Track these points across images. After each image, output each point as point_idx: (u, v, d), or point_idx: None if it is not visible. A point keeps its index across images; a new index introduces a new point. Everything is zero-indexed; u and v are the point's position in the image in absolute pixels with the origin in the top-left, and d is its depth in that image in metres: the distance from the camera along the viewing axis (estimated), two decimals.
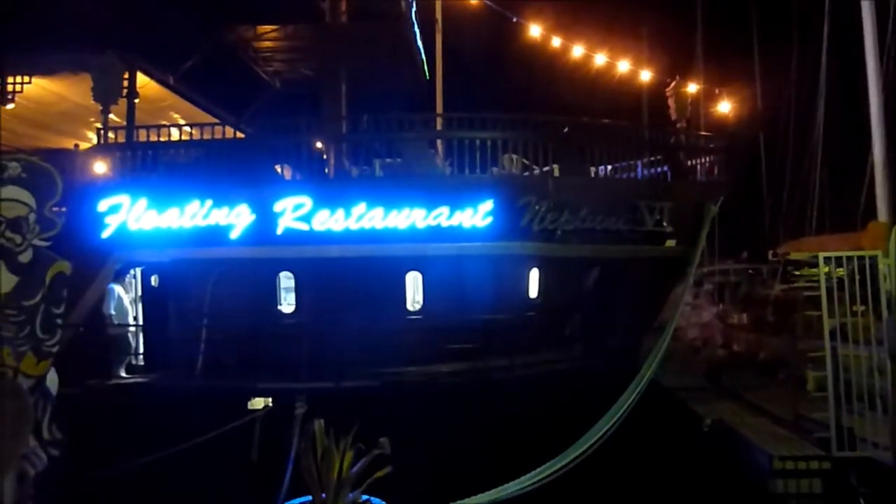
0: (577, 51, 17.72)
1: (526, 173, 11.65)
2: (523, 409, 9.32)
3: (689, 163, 13.11)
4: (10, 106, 12.93)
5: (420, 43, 17.45)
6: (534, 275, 11.50)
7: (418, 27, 17.14)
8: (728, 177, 13.30)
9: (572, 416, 9.58)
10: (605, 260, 11.58)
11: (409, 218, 10.41)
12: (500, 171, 11.41)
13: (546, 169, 11.58)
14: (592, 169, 12.13)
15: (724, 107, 17.67)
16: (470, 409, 9.27)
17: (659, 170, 12.88)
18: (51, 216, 4.47)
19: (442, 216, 10.45)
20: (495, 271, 10.81)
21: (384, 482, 4.66)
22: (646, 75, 17.93)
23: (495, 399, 9.71)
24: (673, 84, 14.95)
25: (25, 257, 4.33)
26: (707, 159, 13.18)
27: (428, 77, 18.85)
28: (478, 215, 10.50)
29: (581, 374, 11.02)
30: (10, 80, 12.63)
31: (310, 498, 4.21)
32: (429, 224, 10.45)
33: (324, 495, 4.05)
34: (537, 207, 10.70)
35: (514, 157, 11.63)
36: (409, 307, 11.29)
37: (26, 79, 12.73)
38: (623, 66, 17.92)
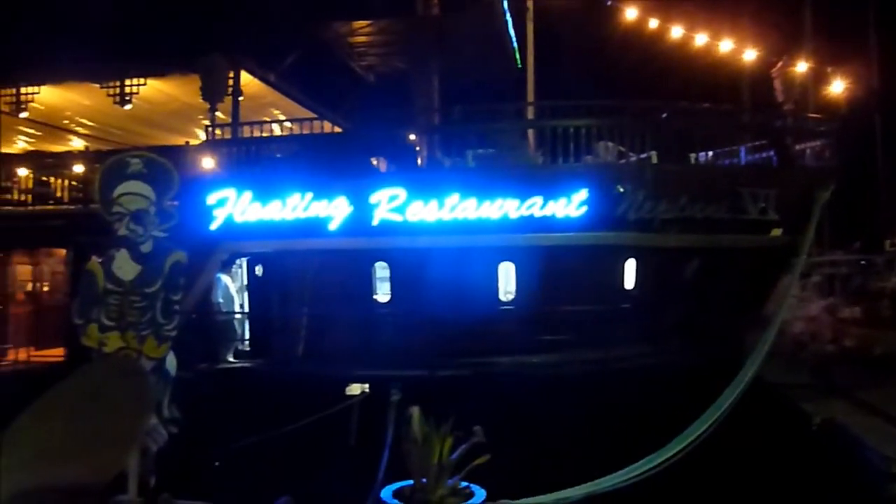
0: (676, 32, 17.05)
1: (622, 161, 11.37)
2: (618, 403, 9.13)
3: (796, 147, 12.40)
4: (127, 107, 13.87)
5: (512, 31, 17.32)
6: (630, 265, 11.22)
7: (510, 15, 17.01)
8: (840, 162, 12.47)
9: (670, 412, 9.30)
10: (706, 250, 11.14)
11: (502, 208, 10.39)
12: (595, 159, 11.18)
13: (643, 156, 11.25)
14: (692, 155, 11.69)
15: (837, 87, 16.54)
16: (563, 402, 9.18)
17: (764, 155, 12.24)
18: (168, 209, 4.76)
19: (535, 206, 10.37)
20: (590, 262, 10.62)
21: (479, 471, 4.70)
22: (750, 55, 17.03)
23: (589, 392, 9.56)
24: (780, 64, 14.14)
25: (146, 247, 4.64)
26: (817, 143, 12.41)
27: (520, 66, 18.68)
28: (572, 205, 10.34)
29: (679, 368, 10.67)
30: (129, 82, 13.55)
31: (410, 482, 4.30)
32: (522, 214, 10.39)
33: (424, 480, 4.12)
34: (634, 196, 10.42)
35: (610, 144, 11.38)
36: (502, 298, 11.29)
37: (142, 81, 13.61)
38: (725, 46, 17.10)
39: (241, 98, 13.20)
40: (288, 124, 13.79)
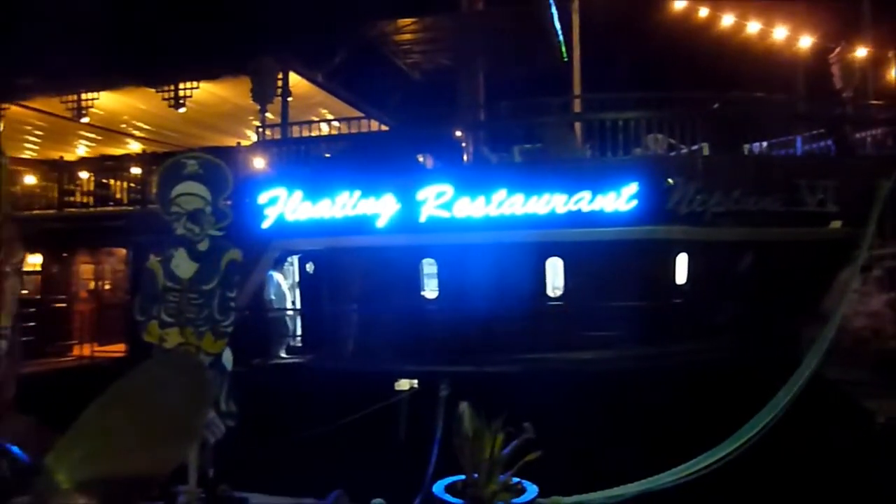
0: (727, 20, 16.62)
1: (672, 153, 11.15)
2: (670, 400, 8.98)
3: (856, 136, 11.95)
4: (181, 110, 14.27)
5: (557, 24, 17.16)
6: (681, 260, 11.01)
7: (555, 8, 16.85)
8: None
9: (724, 410, 9.09)
10: (760, 244, 10.84)
11: (550, 203, 10.32)
12: (645, 151, 11.00)
13: (694, 148, 11.02)
14: (746, 146, 11.38)
15: None
16: (613, 398, 9.07)
17: (822, 145, 11.84)
18: (223, 208, 4.90)
19: (583, 201, 10.26)
20: (639, 257, 10.46)
21: (530, 467, 4.69)
22: (805, 41, 16.48)
23: (640, 389, 9.43)
24: (838, 50, 13.64)
25: (203, 246, 4.79)
26: (878, 131, 11.94)
27: (566, 59, 18.49)
28: (621, 199, 10.20)
29: (734, 365, 10.42)
30: (182, 86, 13.93)
31: (462, 477, 4.33)
32: (570, 209, 10.31)
33: (476, 476, 4.14)
34: (685, 189, 10.21)
35: (659, 136, 11.17)
36: (549, 293, 11.22)
37: (195, 84, 13.96)
38: (779, 33, 16.59)
39: (290, 99, 13.42)
40: (336, 123, 13.97)
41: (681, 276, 11.09)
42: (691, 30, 17.58)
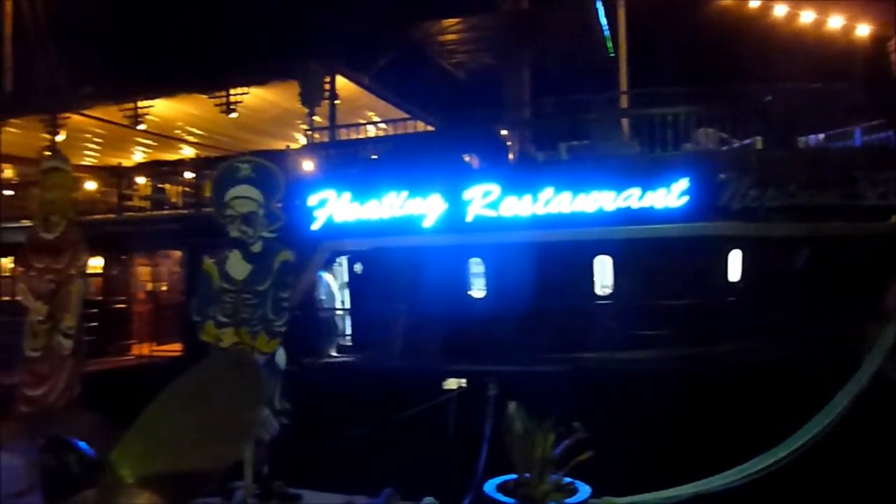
0: (779, 10, 16.14)
1: (724, 148, 10.91)
2: (722, 400, 8.78)
3: None
4: (232, 115, 14.62)
5: (603, 19, 16.95)
6: (735, 257, 10.75)
7: (600, 3, 16.64)
8: None
9: (780, 411, 8.84)
10: (818, 239, 10.51)
11: (598, 201, 10.22)
12: (695, 147, 10.78)
13: (747, 142, 10.76)
14: (801, 139, 11.05)
15: None
16: (665, 398, 8.92)
17: (882, 136, 11.41)
18: (276, 211, 5.01)
19: (632, 198, 10.13)
20: (691, 254, 10.26)
21: (581, 468, 4.66)
22: (863, 30, 15.88)
23: (692, 388, 9.25)
24: None
25: (257, 248, 4.90)
26: None
27: (612, 54, 18.24)
28: (671, 195, 10.03)
29: (790, 365, 10.13)
30: (233, 92, 14.28)
31: (513, 476, 4.32)
32: (618, 206, 10.19)
33: (528, 475, 4.13)
34: (738, 184, 9.97)
35: (710, 131, 10.95)
36: (598, 292, 11.10)
37: (245, 90, 14.29)
38: (834, 22, 16.03)
39: (337, 102, 13.62)
40: (382, 125, 14.11)
41: (734, 273, 10.83)
42: (742, 21, 17.13)
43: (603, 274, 11.24)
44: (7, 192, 18.58)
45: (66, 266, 5.55)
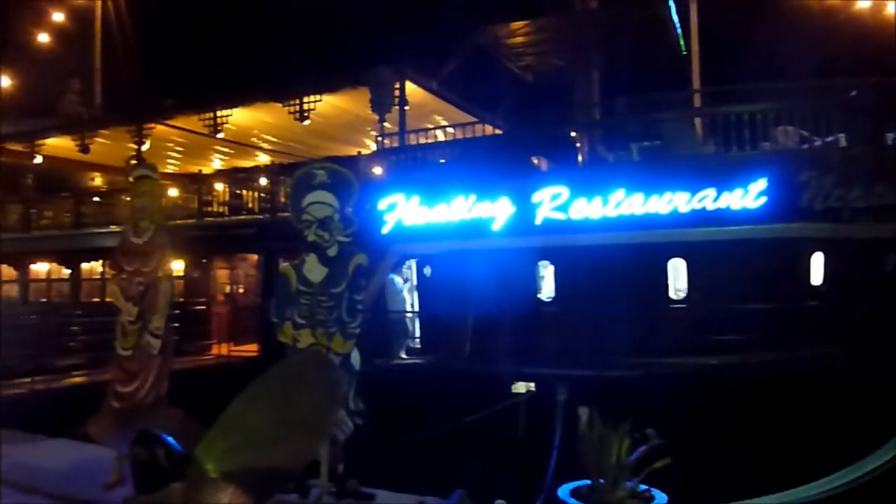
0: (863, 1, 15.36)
1: (805, 146, 10.47)
2: (803, 409, 8.41)
3: None
4: (306, 122, 15.02)
5: (675, 17, 16.55)
6: (816, 259, 10.30)
7: (673, 0, 16.26)
8: None
9: (865, 419, 8.39)
10: None
11: (671, 202, 9.99)
12: (774, 145, 10.39)
13: (829, 139, 10.28)
14: (889, 136, 10.48)
15: None
16: (740, 406, 8.62)
17: None
18: (350, 215, 5.14)
19: (707, 199, 9.85)
20: (770, 256, 9.89)
21: (656, 475, 4.57)
22: None
23: (769, 396, 8.90)
24: None
25: (332, 251, 5.03)
26: None
27: (684, 52, 17.78)
28: (749, 196, 9.70)
29: (875, 373, 9.61)
30: (306, 99, 14.67)
31: (587, 482, 4.29)
32: (693, 208, 9.93)
33: (602, 481, 4.09)
34: (820, 183, 9.55)
35: (790, 128, 10.52)
36: (672, 296, 10.84)
37: (318, 97, 14.66)
38: None
39: (406, 107, 13.79)
40: (450, 129, 14.20)
41: (816, 277, 10.37)
42: (822, 13, 16.39)
43: (676, 277, 10.96)
44: (96, 199, 19.68)
45: (154, 269, 5.81)
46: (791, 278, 10.25)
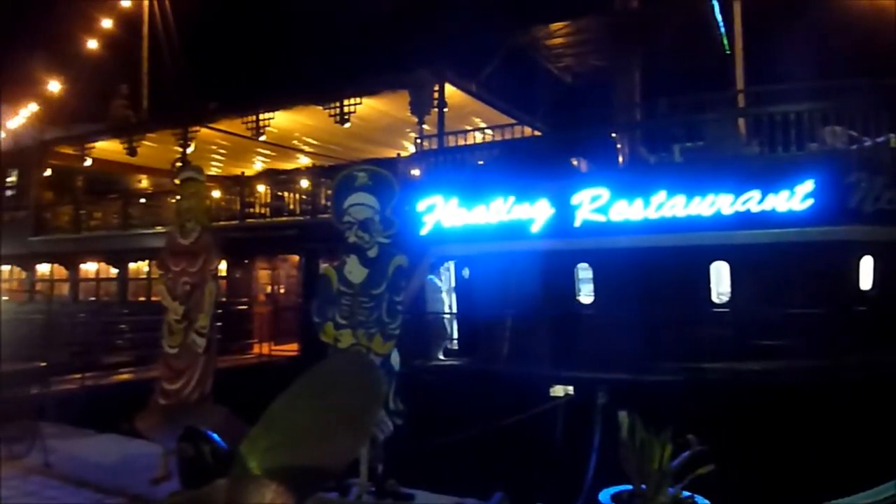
0: None
1: (854, 146, 10.17)
2: (850, 416, 8.17)
3: None
4: (346, 125, 15.18)
5: (718, 15, 16.26)
6: (866, 263, 10.00)
7: None
8: None
9: None
10: None
11: (715, 204, 9.82)
12: (821, 146, 10.13)
13: (880, 140, 9.97)
14: None
15: None
16: (786, 413, 8.42)
17: None
18: (390, 217, 5.19)
19: (752, 201, 9.65)
20: (817, 260, 9.63)
21: (696, 481, 4.50)
22: None
23: (816, 403, 8.67)
24: None
25: (373, 253, 5.09)
26: None
27: (728, 51, 17.45)
28: (795, 198, 9.47)
29: None
30: (347, 102, 14.83)
31: (627, 487, 4.24)
32: (737, 210, 9.74)
33: (644, 486, 4.04)
34: (870, 185, 9.27)
35: (838, 128, 10.24)
36: (714, 299, 10.64)
37: (358, 100, 14.80)
38: None
39: (445, 110, 13.84)
40: (489, 131, 14.20)
41: (865, 281, 10.07)
42: (870, 10, 15.88)
43: (719, 281, 10.76)
44: (143, 201, 20.20)
45: (200, 269, 5.95)
46: (839, 282, 9.97)
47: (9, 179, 22.52)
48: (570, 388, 9.74)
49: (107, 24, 22.82)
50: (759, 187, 9.63)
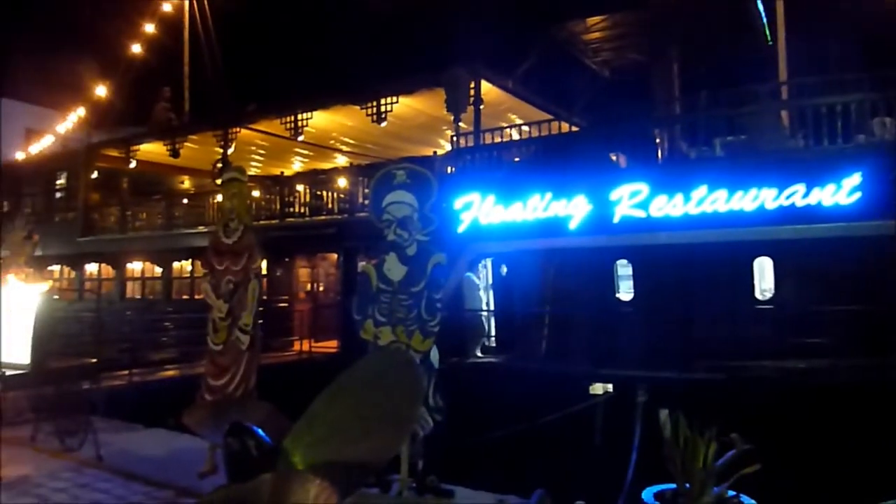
0: None
1: None
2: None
3: None
4: (383, 124, 15.28)
5: (760, 5, 15.89)
6: None
7: None
8: None
9: None
10: None
11: (758, 199, 9.61)
12: (870, 138, 9.84)
13: None
14: None
15: None
16: (832, 412, 8.21)
17: None
18: (429, 215, 5.22)
19: (797, 195, 9.43)
20: (865, 255, 9.35)
21: (740, 480, 4.43)
22: None
23: (862, 402, 8.43)
24: None
25: (411, 250, 5.14)
26: None
27: (770, 41, 17.03)
28: (842, 191, 9.22)
29: None
30: (384, 101, 14.92)
31: (671, 486, 4.20)
32: (781, 204, 9.52)
33: (688, 485, 3.99)
34: None
35: (888, 120, 9.94)
36: (758, 296, 10.43)
37: (394, 99, 14.88)
38: None
39: (481, 107, 13.81)
40: (525, 128, 14.14)
41: None
42: None
43: (762, 277, 10.54)
44: (186, 201, 20.65)
45: (243, 268, 6.08)
46: (887, 279, 9.67)
47: (59, 182, 23.27)
48: (610, 386, 9.67)
49: (149, 28, 23.37)
50: (804, 181, 9.40)
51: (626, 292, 11.51)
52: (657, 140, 12.57)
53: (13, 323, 7.88)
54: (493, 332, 12.85)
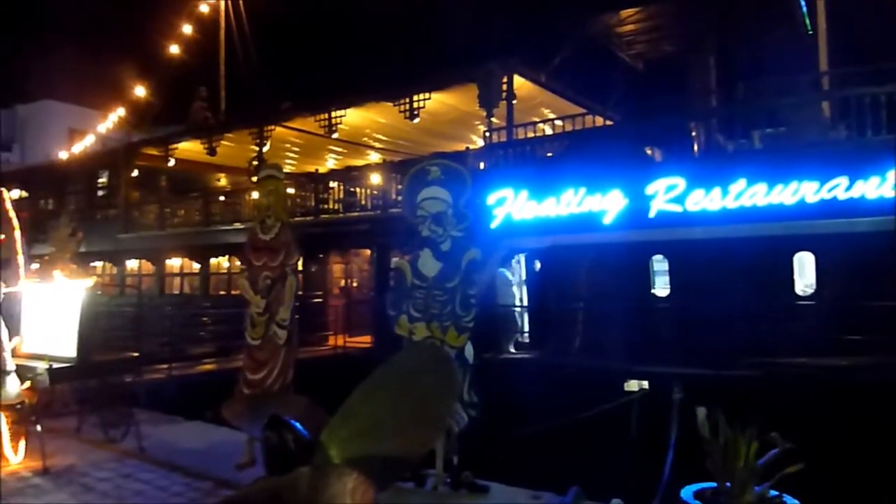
0: None
1: None
2: None
3: None
4: (415, 120, 15.32)
5: None
6: None
7: None
8: None
9: None
10: None
11: (798, 192, 9.40)
12: None
13: None
14: None
15: None
16: (873, 410, 8.00)
17: None
18: (463, 210, 5.22)
19: (839, 188, 9.20)
20: None
21: (782, 480, 4.35)
22: None
23: None
24: None
25: (446, 246, 5.15)
26: None
27: (810, 31, 16.61)
28: (886, 184, 8.96)
29: None
30: (416, 98, 14.96)
31: (711, 485, 4.14)
32: (822, 198, 9.30)
33: (728, 484, 3.93)
34: None
35: None
36: (798, 292, 10.21)
37: (427, 95, 14.90)
38: None
39: (514, 101, 13.76)
40: (559, 122, 14.05)
41: None
42: None
43: (802, 272, 10.32)
44: (222, 199, 20.99)
45: (280, 264, 6.16)
46: None
47: (100, 180, 23.86)
48: (645, 383, 9.56)
49: (186, 29, 23.77)
50: (847, 174, 9.17)
51: (661, 288, 11.37)
52: (693, 133, 12.38)
53: (60, 318, 8.11)
54: (526, 328, 12.80)
